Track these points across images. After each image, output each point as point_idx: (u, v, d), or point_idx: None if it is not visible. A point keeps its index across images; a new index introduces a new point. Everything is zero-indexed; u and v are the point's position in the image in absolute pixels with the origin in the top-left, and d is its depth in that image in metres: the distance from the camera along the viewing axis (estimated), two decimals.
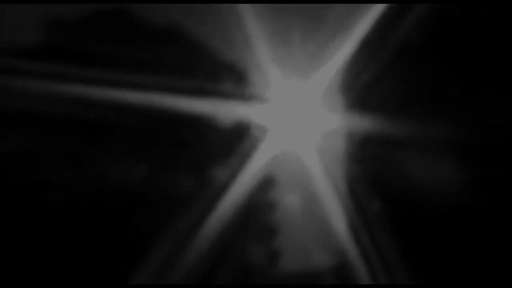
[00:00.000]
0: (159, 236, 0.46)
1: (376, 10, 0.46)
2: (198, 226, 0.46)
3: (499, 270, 0.47)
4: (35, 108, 0.45)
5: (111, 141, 0.46)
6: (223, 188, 0.46)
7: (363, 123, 0.47)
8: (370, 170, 0.47)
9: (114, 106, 0.45)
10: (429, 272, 0.46)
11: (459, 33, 0.47)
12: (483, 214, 0.46)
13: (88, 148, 0.46)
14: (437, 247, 0.46)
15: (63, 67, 0.45)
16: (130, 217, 0.46)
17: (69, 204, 0.46)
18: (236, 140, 0.46)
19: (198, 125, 0.46)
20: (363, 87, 0.47)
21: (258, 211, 0.47)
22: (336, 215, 0.47)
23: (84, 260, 0.45)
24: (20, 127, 0.45)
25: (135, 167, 0.47)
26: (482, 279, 0.46)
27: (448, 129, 0.47)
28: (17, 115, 0.45)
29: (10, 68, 0.45)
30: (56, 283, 0.45)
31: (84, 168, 0.46)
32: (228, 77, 0.47)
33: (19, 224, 0.45)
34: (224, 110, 0.46)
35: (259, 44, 0.46)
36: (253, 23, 0.46)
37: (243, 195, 0.46)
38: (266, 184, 0.47)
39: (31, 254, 0.45)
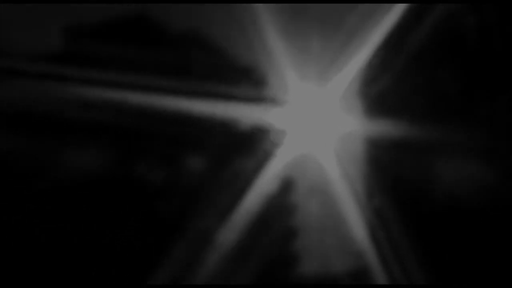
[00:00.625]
0: (179, 237, 0.46)
1: (394, 13, 0.46)
2: (218, 228, 0.46)
3: None
4: (35, 108, 0.45)
5: (131, 143, 0.46)
6: (242, 191, 0.46)
7: (381, 126, 0.47)
8: (387, 173, 0.47)
9: (132, 109, 0.45)
10: (448, 273, 0.46)
11: (478, 38, 0.47)
12: (505, 217, 0.47)
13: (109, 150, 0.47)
14: (455, 249, 0.46)
15: (80, 70, 0.46)
16: (145, 216, 0.46)
17: (72, 204, 0.46)
18: (254, 143, 0.47)
19: (217, 128, 0.46)
20: (381, 90, 0.47)
21: (276, 213, 0.47)
22: (355, 217, 0.47)
23: (90, 261, 0.45)
24: (20, 127, 0.45)
25: (151, 168, 0.47)
26: (502, 282, 0.46)
27: (466, 133, 0.47)
28: (17, 115, 0.45)
29: (10, 68, 0.45)
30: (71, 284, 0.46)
31: (94, 169, 0.46)
32: (247, 81, 0.47)
33: (21, 226, 0.45)
34: (243, 114, 0.47)
35: (277, 47, 0.46)
36: (271, 26, 0.46)
37: (262, 198, 0.46)
38: (285, 186, 0.47)
39: (31, 256, 0.45)
